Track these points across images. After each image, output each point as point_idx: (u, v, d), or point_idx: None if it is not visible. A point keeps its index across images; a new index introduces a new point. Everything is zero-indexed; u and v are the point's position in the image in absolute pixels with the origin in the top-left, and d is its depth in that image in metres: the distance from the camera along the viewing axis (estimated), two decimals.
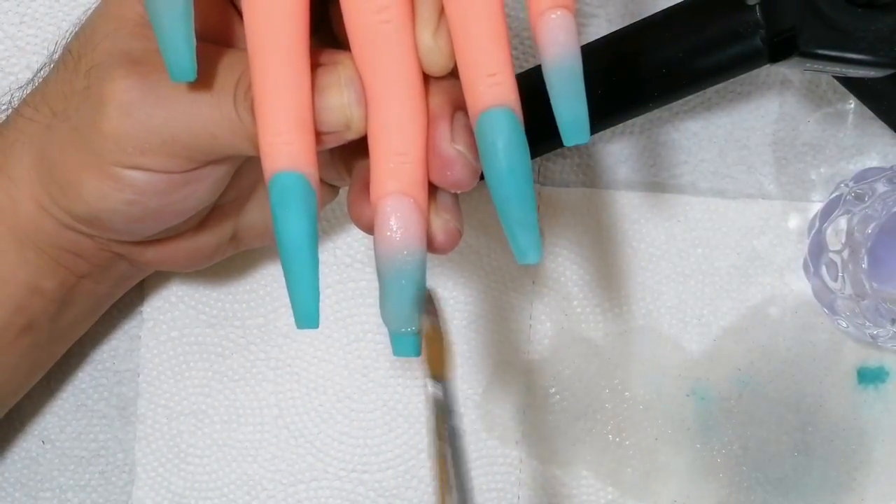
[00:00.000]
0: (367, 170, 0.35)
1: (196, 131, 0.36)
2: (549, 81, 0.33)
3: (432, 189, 0.35)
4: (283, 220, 0.33)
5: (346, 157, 0.40)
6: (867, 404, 0.52)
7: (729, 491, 0.52)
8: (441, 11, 0.33)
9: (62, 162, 0.39)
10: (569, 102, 0.33)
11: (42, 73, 0.42)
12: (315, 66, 0.34)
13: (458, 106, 0.35)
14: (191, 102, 0.36)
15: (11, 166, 0.41)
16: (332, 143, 0.35)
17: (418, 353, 0.35)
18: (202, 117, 0.36)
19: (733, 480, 0.52)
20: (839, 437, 0.52)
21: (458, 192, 0.35)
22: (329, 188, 0.44)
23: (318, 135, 0.34)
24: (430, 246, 0.35)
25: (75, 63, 0.39)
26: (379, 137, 0.34)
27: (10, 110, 0.42)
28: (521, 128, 0.33)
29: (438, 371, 0.34)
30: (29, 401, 0.51)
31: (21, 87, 0.43)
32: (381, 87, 0.34)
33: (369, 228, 0.35)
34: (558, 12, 0.33)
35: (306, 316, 0.33)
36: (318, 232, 0.34)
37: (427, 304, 0.34)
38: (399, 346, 0.35)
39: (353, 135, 0.35)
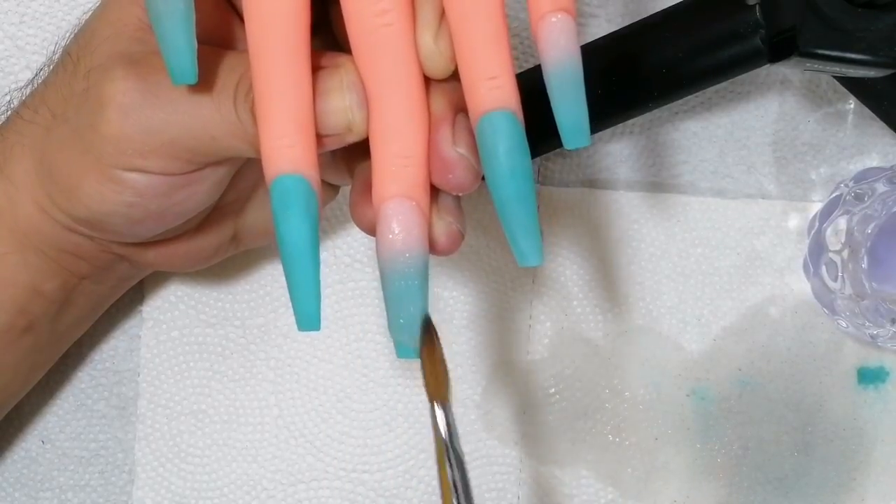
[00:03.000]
0: (369, 171, 0.35)
1: (196, 133, 0.36)
2: (549, 85, 0.33)
3: (434, 191, 0.35)
4: (284, 222, 0.33)
5: (348, 157, 0.40)
6: (867, 404, 0.52)
7: (729, 491, 0.52)
8: (442, 14, 0.33)
9: (62, 164, 0.39)
10: (569, 106, 0.33)
11: (42, 73, 0.42)
12: (316, 68, 0.34)
13: (460, 108, 0.35)
14: (191, 104, 0.36)
15: (11, 169, 0.41)
16: (333, 145, 0.35)
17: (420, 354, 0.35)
18: (202, 119, 0.36)
19: (733, 480, 0.52)
20: (839, 437, 0.52)
21: (460, 194, 0.35)
22: (329, 188, 0.44)
23: (319, 137, 0.34)
24: (433, 248, 0.35)
25: (74, 65, 0.39)
26: (380, 140, 0.34)
27: (10, 112, 0.42)
28: (522, 130, 0.33)
29: (441, 393, 0.34)
30: (29, 401, 0.50)
31: (20, 88, 0.43)
32: (383, 90, 0.34)
33: (371, 230, 0.35)
34: (559, 16, 0.33)
35: (307, 318, 0.33)
36: (319, 232, 0.34)
37: (426, 327, 0.34)
38: (403, 347, 0.35)
39: (354, 138, 0.35)
